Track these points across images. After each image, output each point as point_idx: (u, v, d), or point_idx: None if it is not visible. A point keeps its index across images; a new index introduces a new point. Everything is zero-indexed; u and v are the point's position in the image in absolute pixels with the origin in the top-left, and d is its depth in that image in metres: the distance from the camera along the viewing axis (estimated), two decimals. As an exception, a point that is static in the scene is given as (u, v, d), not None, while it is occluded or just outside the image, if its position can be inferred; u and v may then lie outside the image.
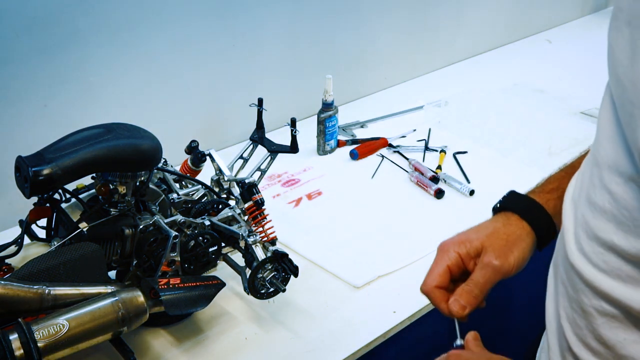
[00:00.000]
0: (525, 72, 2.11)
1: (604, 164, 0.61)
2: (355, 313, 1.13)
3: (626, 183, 0.57)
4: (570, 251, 0.65)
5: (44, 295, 0.89)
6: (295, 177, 1.54)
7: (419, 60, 2.08)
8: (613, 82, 0.59)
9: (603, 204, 0.60)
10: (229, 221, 1.13)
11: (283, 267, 1.05)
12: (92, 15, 1.33)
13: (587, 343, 0.65)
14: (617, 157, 0.59)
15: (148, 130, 1.05)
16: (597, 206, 0.61)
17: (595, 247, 0.62)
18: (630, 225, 0.57)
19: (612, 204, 0.59)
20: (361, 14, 1.83)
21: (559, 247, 0.71)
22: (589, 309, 0.63)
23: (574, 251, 0.65)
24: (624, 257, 0.58)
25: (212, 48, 1.56)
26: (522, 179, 1.52)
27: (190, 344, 1.06)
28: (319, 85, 1.61)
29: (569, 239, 0.67)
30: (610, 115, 0.61)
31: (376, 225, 1.37)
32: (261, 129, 1.26)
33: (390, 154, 1.64)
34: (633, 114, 0.54)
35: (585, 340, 0.65)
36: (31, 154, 0.93)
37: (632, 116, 0.54)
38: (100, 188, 1.00)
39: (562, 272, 0.69)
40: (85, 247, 0.96)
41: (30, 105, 1.31)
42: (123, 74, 1.43)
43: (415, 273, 1.22)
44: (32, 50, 1.27)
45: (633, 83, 0.54)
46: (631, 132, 0.55)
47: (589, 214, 0.63)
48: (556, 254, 0.73)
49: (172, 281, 0.98)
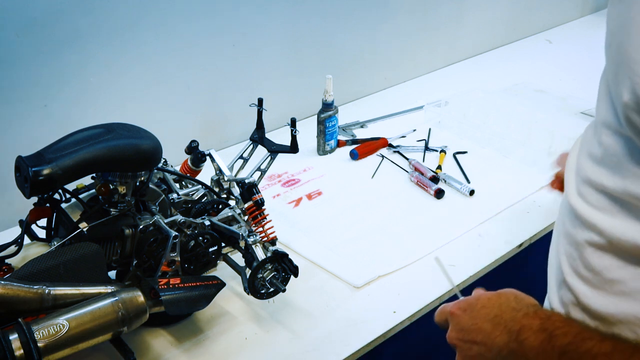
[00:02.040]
0: (525, 72, 2.11)
1: (599, 122, 0.74)
2: (355, 313, 1.13)
3: (613, 135, 0.70)
4: (571, 195, 0.78)
5: (44, 295, 0.89)
6: (295, 177, 1.54)
7: (419, 60, 2.09)
8: (605, 48, 0.71)
9: (597, 153, 0.74)
10: (229, 221, 1.13)
11: (283, 267, 1.05)
12: (92, 15, 1.33)
13: (579, 272, 0.76)
14: (607, 114, 0.72)
15: (148, 130, 1.05)
16: (593, 156, 0.75)
17: (590, 189, 0.74)
18: (615, 168, 0.70)
19: (603, 153, 0.72)
20: (361, 14, 1.83)
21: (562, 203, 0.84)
22: (581, 240, 0.75)
23: (574, 195, 0.77)
24: (610, 195, 0.71)
25: (212, 48, 1.56)
26: (522, 179, 1.53)
27: (190, 344, 1.06)
28: (319, 85, 1.61)
29: (570, 187, 0.79)
30: (604, 86, 0.74)
31: (376, 225, 1.37)
32: (261, 129, 1.26)
33: (390, 154, 1.64)
34: (617, 73, 0.66)
35: (577, 269, 0.76)
36: (31, 154, 0.93)
37: (616, 75, 0.66)
38: (100, 188, 1.00)
39: (563, 216, 0.81)
40: (85, 247, 0.96)
41: (30, 105, 1.31)
42: (123, 74, 1.43)
43: (415, 273, 1.23)
44: (32, 50, 1.27)
45: (618, 48, 0.66)
46: (615, 89, 0.67)
47: (587, 164, 0.76)
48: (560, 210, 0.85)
49: (172, 281, 0.98)
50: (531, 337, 0.67)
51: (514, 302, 0.73)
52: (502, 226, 1.36)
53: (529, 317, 0.69)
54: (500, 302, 0.74)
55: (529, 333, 0.68)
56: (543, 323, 0.68)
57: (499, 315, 0.72)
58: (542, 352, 0.66)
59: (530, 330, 0.68)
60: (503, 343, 0.70)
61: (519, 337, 0.68)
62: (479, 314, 0.75)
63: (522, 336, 0.68)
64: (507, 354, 0.70)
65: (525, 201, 1.44)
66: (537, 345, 0.67)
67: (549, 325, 0.67)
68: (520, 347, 0.68)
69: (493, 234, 1.34)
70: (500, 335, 0.71)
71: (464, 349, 0.76)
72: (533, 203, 1.44)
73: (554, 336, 0.66)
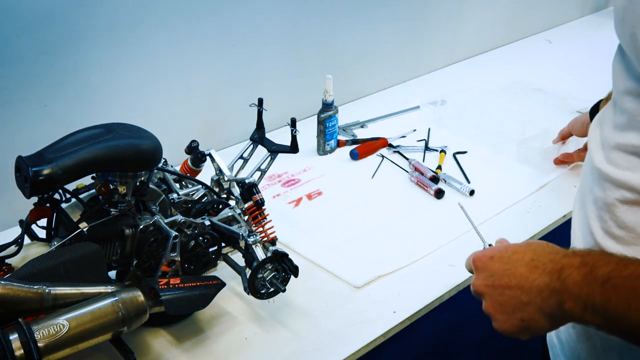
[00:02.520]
0: (525, 72, 2.11)
1: (619, 93, 0.79)
2: (355, 313, 1.13)
3: (635, 98, 0.76)
4: (600, 163, 0.82)
5: (44, 295, 0.89)
6: (295, 177, 1.54)
7: (418, 60, 2.08)
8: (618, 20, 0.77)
9: (622, 121, 0.79)
10: (229, 221, 1.13)
11: (283, 267, 1.05)
12: (92, 15, 1.33)
13: (612, 232, 0.79)
14: (626, 82, 0.77)
15: (148, 130, 1.05)
16: (618, 125, 0.80)
17: (620, 154, 0.79)
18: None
19: (628, 118, 0.77)
20: (361, 14, 1.83)
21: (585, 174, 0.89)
22: (613, 200, 0.79)
23: (603, 163, 0.81)
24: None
25: (212, 48, 1.56)
26: (522, 179, 1.53)
27: (190, 344, 1.06)
28: (319, 85, 1.61)
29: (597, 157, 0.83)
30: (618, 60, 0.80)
31: (376, 225, 1.36)
32: (261, 129, 1.26)
33: (390, 154, 1.64)
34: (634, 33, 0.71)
35: (609, 230, 0.80)
36: (31, 154, 0.93)
37: (633, 36, 0.71)
38: (101, 188, 1.00)
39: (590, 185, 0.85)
40: (85, 247, 0.96)
41: (30, 105, 1.31)
42: (123, 74, 1.43)
43: (415, 273, 1.23)
44: (32, 50, 1.27)
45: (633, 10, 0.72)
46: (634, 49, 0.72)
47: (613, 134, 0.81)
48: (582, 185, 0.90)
49: (172, 281, 0.98)
50: (574, 274, 0.68)
51: (548, 248, 0.75)
52: (502, 226, 1.36)
53: (569, 256, 0.71)
54: (533, 248, 0.75)
55: (570, 270, 0.68)
56: (583, 258, 0.69)
57: (535, 259, 0.73)
58: (585, 285, 0.66)
59: (572, 267, 0.68)
60: (544, 284, 0.71)
61: (561, 275, 0.69)
62: (511, 259, 0.76)
63: (564, 274, 0.69)
64: (548, 294, 0.70)
65: (525, 201, 1.44)
66: (579, 279, 0.67)
67: (589, 260, 0.68)
68: (563, 285, 0.69)
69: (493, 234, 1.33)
70: (539, 277, 0.72)
71: (493, 295, 0.77)
72: (533, 203, 1.44)
73: (596, 267, 0.67)
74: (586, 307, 0.67)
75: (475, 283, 0.80)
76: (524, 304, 0.73)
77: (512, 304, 0.74)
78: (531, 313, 0.73)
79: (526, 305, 0.73)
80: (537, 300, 0.72)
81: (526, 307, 0.73)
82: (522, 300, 0.73)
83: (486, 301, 0.78)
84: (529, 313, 0.73)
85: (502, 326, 0.76)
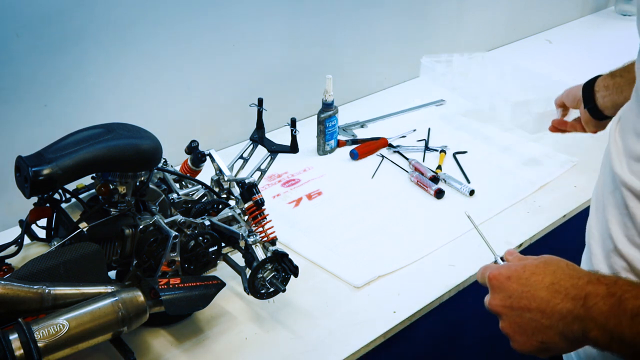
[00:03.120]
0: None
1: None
2: (355, 313, 1.13)
3: None
4: (621, 172, 0.82)
5: (44, 295, 0.89)
6: (295, 177, 1.54)
7: (419, 60, 2.08)
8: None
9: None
10: (229, 221, 1.13)
11: (283, 267, 1.05)
12: (92, 15, 1.33)
13: (634, 240, 0.80)
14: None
15: (148, 130, 1.05)
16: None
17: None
18: None
19: None
20: (361, 13, 1.83)
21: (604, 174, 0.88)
22: (636, 211, 0.79)
23: (626, 173, 0.81)
24: None
25: (212, 48, 1.56)
26: (522, 179, 1.53)
27: (190, 344, 1.06)
28: (319, 85, 1.61)
29: (618, 164, 0.83)
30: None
31: (376, 225, 1.36)
32: (261, 129, 1.26)
33: (390, 154, 1.64)
34: None
35: (632, 238, 0.80)
36: (31, 154, 0.93)
37: None
38: (100, 188, 1.00)
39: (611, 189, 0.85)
40: (85, 247, 0.96)
41: (30, 105, 1.31)
42: (123, 74, 1.43)
43: (415, 273, 1.23)
44: (32, 50, 1.27)
45: None
46: None
47: (635, 143, 0.80)
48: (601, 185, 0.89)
49: (172, 281, 0.98)
50: (600, 303, 0.67)
51: (567, 270, 0.74)
52: (502, 226, 1.36)
53: (593, 283, 0.69)
54: (553, 270, 0.74)
55: (597, 299, 0.68)
56: (609, 288, 0.68)
57: (556, 283, 0.73)
58: (613, 316, 0.66)
59: (598, 296, 0.68)
60: (566, 310, 0.70)
61: (587, 303, 0.68)
62: (529, 281, 0.75)
63: (589, 302, 0.68)
64: (571, 320, 0.70)
65: (525, 201, 1.44)
66: (606, 310, 0.66)
67: (616, 290, 0.67)
68: (588, 313, 0.68)
69: (493, 234, 1.33)
70: (561, 303, 0.71)
71: (511, 316, 0.76)
72: (533, 203, 1.44)
73: (624, 299, 0.66)
74: (613, 338, 0.66)
75: (493, 303, 0.79)
76: (544, 327, 0.73)
77: (532, 327, 0.74)
78: (552, 336, 0.72)
79: (547, 328, 0.72)
80: (559, 325, 0.71)
81: (547, 331, 0.73)
82: (543, 324, 0.73)
83: (503, 322, 0.78)
84: (550, 337, 0.73)
85: (521, 347, 0.76)
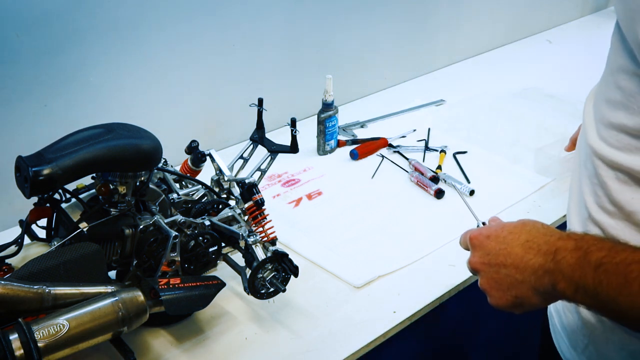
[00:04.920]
0: (525, 72, 2.10)
1: (615, 69, 0.80)
2: (355, 313, 1.13)
3: (631, 78, 0.76)
4: (592, 140, 0.84)
5: (44, 295, 0.89)
6: (295, 177, 1.54)
7: (419, 60, 2.08)
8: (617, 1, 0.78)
9: (616, 98, 0.80)
10: (229, 221, 1.13)
11: (283, 267, 1.05)
12: (92, 15, 1.33)
13: (605, 207, 0.82)
14: (623, 60, 0.78)
15: (148, 130, 1.05)
16: (611, 101, 0.81)
17: (611, 132, 0.80)
18: (635, 108, 0.76)
19: (622, 96, 0.78)
20: (361, 14, 1.83)
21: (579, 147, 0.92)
22: (606, 179, 0.81)
23: (596, 140, 0.83)
24: (631, 134, 0.77)
25: (212, 48, 1.56)
26: (522, 179, 1.53)
27: (190, 344, 1.06)
28: (319, 85, 1.61)
29: (590, 132, 0.85)
30: (617, 37, 0.80)
31: (376, 225, 1.36)
32: (261, 129, 1.26)
33: (390, 154, 1.64)
34: (634, 17, 0.72)
35: (603, 205, 0.83)
36: (31, 154, 0.93)
37: (633, 20, 0.72)
38: (101, 188, 1.00)
39: (584, 159, 0.88)
40: (85, 247, 0.96)
41: (30, 105, 1.31)
42: (123, 73, 1.43)
43: (415, 273, 1.23)
44: (32, 50, 1.27)
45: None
46: (632, 32, 0.73)
47: (606, 110, 0.82)
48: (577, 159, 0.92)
49: (172, 281, 0.98)
50: (567, 256, 0.71)
51: (542, 229, 0.78)
52: (502, 226, 1.35)
53: (563, 239, 0.73)
54: (528, 229, 0.79)
55: (565, 253, 0.71)
56: (577, 242, 0.72)
57: (530, 240, 0.77)
58: (579, 268, 0.69)
59: (566, 250, 0.71)
60: (538, 264, 0.74)
61: (556, 257, 0.72)
62: (506, 239, 0.79)
63: (558, 256, 0.72)
64: (542, 273, 0.74)
65: (525, 201, 1.44)
66: (573, 262, 0.70)
67: (583, 244, 0.71)
68: (557, 266, 0.72)
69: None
70: (534, 258, 0.75)
71: (489, 273, 0.81)
72: (533, 203, 1.44)
73: (589, 252, 0.69)
74: (578, 288, 0.70)
75: (472, 260, 0.84)
76: (518, 282, 0.77)
77: (507, 282, 0.78)
78: (525, 291, 0.76)
79: (520, 283, 0.76)
80: (531, 279, 0.75)
81: (520, 285, 0.77)
82: (517, 279, 0.77)
83: (482, 278, 0.83)
84: (523, 291, 0.77)
85: (497, 302, 0.80)
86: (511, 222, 0.83)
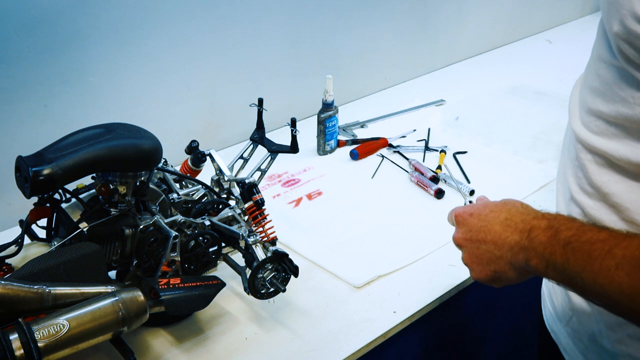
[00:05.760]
0: (525, 72, 2.11)
1: (596, 58, 0.84)
2: (355, 313, 1.13)
3: (607, 67, 0.80)
4: (575, 125, 0.88)
5: (44, 295, 0.89)
6: (295, 177, 1.54)
7: (419, 60, 2.09)
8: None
9: (595, 85, 0.83)
10: (229, 221, 1.13)
11: (283, 267, 1.05)
12: (92, 15, 1.33)
13: (584, 189, 0.86)
14: (602, 50, 0.81)
15: (148, 130, 1.05)
16: (592, 88, 0.84)
17: (591, 117, 0.84)
18: (610, 96, 0.79)
19: (600, 84, 0.82)
20: (361, 14, 1.83)
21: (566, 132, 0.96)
22: (585, 162, 0.85)
23: (578, 124, 0.87)
24: (607, 120, 0.81)
25: (212, 48, 1.56)
26: (522, 179, 1.53)
27: (190, 344, 1.06)
28: (319, 85, 1.61)
29: (574, 117, 0.89)
30: (600, 27, 0.83)
31: (376, 225, 1.37)
32: (261, 129, 1.26)
33: (390, 154, 1.64)
34: (610, 10, 0.75)
35: (583, 187, 0.87)
36: (31, 154, 0.93)
37: (609, 11, 0.75)
38: (101, 188, 1.00)
39: (568, 143, 0.92)
40: (85, 247, 0.96)
41: (30, 105, 1.31)
42: (123, 74, 1.43)
43: (416, 273, 1.23)
44: (32, 50, 1.27)
45: None
46: (607, 23, 0.76)
47: (587, 96, 0.85)
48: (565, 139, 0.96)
49: (172, 281, 0.98)
50: (540, 234, 0.76)
51: (521, 208, 0.84)
52: (502, 226, 1.35)
53: (538, 218, 0.78)
54: (508, 208, 0.84)
55: (538, 231, 0.76)
56: (550, 222, 0.76)
57: (509, 219, 0.82)
58: (549, 245, 0.74)
59: (540, 229, 0.76)
60: (514, 241, 0.79)
61: (530, 235, 0.77)
62: (488, 217, 0.85)
63: (532, 234, 0.77)
64: (517, 250, 0.79)
65: (525, 201, 1.44)
66: (545, 240, 0.75)
67: (555, 223, 0.75)
68: (530, 244, 0.77)
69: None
70: (511, 235, 0.80)
71: (470, 248, 0.87)
72: (533, 203, 1.42)
73: (559, 231, 0.74)
74: (548, 264, 0.74)
75: (456, 236, 0.91)
76: (496, 258, 0.82)
77: (486, 257, 0.84)
78: (502, 266, 0.82)
79: (498, 258, 0.82)
80: (508, 255, 0.80)
81: (498, 261, 0.82)
82: (495, 254, 0.82)
83: (464, 253, 0.89)
84: (500, 266, 0.82)
85: (478, 275, 0.86)
86: (494, 201, 0.89)
